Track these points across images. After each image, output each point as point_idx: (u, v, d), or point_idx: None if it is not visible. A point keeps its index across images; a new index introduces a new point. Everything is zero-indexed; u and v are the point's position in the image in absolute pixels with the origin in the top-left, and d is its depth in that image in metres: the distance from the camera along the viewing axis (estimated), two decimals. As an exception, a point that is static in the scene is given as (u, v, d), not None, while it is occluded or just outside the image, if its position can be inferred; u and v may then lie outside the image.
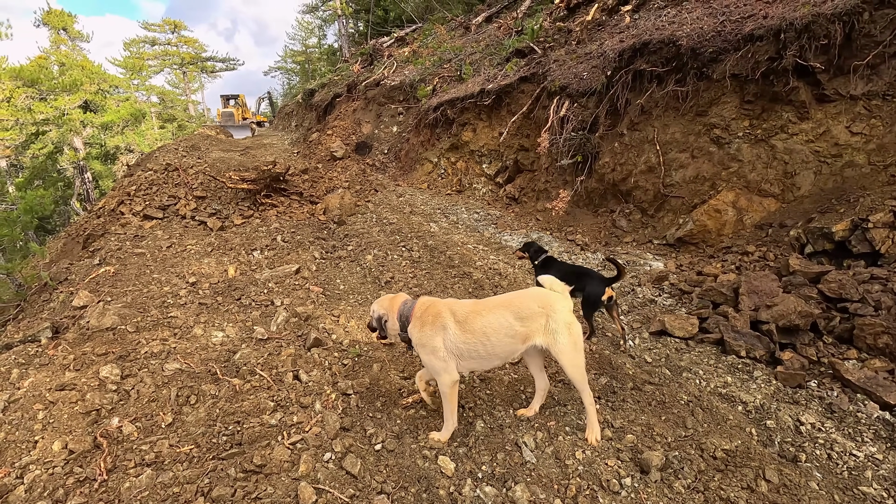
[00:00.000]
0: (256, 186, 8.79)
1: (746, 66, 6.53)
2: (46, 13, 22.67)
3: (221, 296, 5.60)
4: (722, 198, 6.69)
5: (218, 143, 20.61)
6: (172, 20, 35.58)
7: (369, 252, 7.42)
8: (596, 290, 4.69)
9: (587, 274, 4.92)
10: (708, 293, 5.51)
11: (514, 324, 3.20)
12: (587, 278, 4.83)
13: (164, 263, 6.51)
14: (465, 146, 12.13)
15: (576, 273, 4.94)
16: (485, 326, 3.20)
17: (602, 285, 4.69)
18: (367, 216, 9.49)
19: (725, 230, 6.66)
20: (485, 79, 12.47)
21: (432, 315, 3.31)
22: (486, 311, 3.27)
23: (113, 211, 8.39)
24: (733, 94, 6.80)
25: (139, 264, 6.39)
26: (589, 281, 4.79)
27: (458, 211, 10.42)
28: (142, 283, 5.86)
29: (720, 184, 6.84)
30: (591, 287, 4.73)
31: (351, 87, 19.86)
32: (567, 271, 4.97)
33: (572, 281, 4.80)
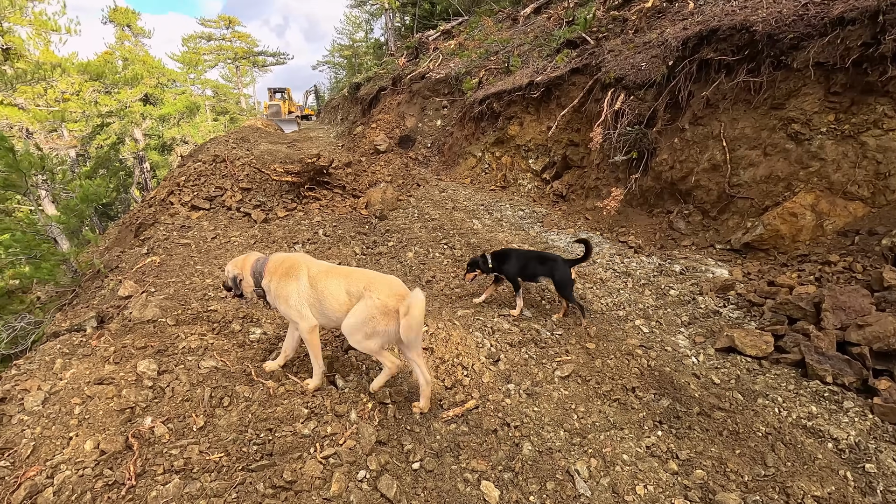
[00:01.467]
0: (300, 179, 8.70)
1: (834, 53, 5.80)
2: (112, 11, 23.68)
3: (261, 290, 5.47)
4: (799, 200, 6.00)
5: (266, 135, 20.96)
6: (227, 16, 36.66)
7: (410, 249, 7.17)
8: (564, 272, 4.99)
9: (551, 259, 5.12)
10: (783, 307, 4.92)
11: (343, 295, 3.43)
12: (552, 263, 5.05)
13: (207, 255, 6.47)
14: (511, 140, 11.69)
15: (539, 259, 5.18)
16: (324, 288, 3.48)
17: (567, 267, 5.03)
18: (409, 211, 9.25)
19: (802, 236, 5.98)
20: (533, 71, 11.95)
21: (287, 267, 3.61)
22: (330, 275, 3.54)
23: (163, 201, 8.51)
24: (816, 84, 6.08)
25: (184, 255, 6.38)
26: (555, 266, 5.02)
27: (502, 208, 10.02)
28: (185, 274, 5.83)
29: (797, 185, 6.14)
30: (560, 271, 4.98)
31: (396, 80, 19.71)
32: (529, 258, 5.22)
33: (536, 267, 5.13)
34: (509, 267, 5.21)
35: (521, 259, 5.23)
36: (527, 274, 5.23)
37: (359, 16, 39.45)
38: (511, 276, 5.24)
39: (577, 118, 10.27)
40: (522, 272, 5.21)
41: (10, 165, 6.24)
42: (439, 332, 4.70)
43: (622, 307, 5.59)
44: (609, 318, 5.34)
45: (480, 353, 4.45)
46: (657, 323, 5.22)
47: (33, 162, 8.03)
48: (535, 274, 5.19)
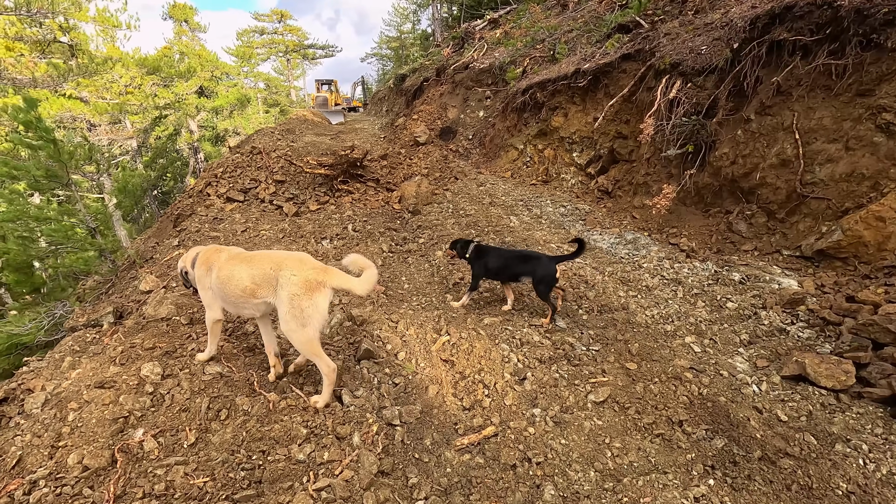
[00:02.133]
0: (333, 172, 8.46)
1: (941, 28, 4.85)
2: (172, 7, 24.49)
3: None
4: (889, 202, 5.10)
5: (313, 126, 21.09)
6: (279, 10, 37.35)
7: (440, 247, 6.75)
8: (548, 270, 4.67)
9: (534, 257, 4.86)
10: (866, 328, 4.15)
11: (245, 279, 3.30)
12: (535, 261, 4.78)
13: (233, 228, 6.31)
14: (555, 132, 10.99)
15: (521, 257, 4.91)
16: (227, 275, 3.38)
17: (552, 264, 4.70)
18: (444, 206, 8.82)
19: (890, 244, 5.09)
20: (580, 58, 11.17)
21: (206, 258, 3.62)
22: (235, 262, 3.44)
23: (201, 192, 8.50)
24: (916, 67, 5.13)
25: (210, 249, 6.25)
26: (538, 263, 4.74)
27: (542, 203, 9.40)
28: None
29: (886, 184, 5.23)
30: (542, 268, 4.68)
31: (440, 70, 19.26)
32: (509, 257, 4.95)
33: (518, 266, 4.82)
34: (483, 263, 4.98)
35: (501, 258, 4.96)
36: (508, 274, 4.95)
37: (406, 7, 39.17)
38: (477, 272, 5.03)
39: (627, 108, 9.47)
40: (502, 272, 4.95)
41: (52, 157, 6.32)
42: (461, 342, 4.27)
43: (670, 320, 4.95)
44: (654, 332, 4.72)
45: (505, 368, 3.98)
46: (711, 341, 4.56)
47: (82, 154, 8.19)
48: (517, 274, 4.89)
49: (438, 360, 4.11)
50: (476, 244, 5.11)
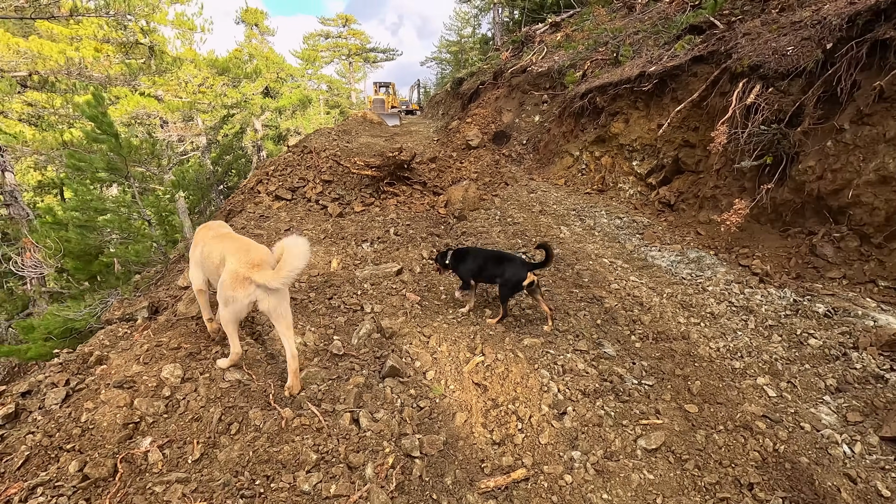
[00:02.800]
0: (380, 173, 8.27)
1: None
2: (244, 11, 25.59)
3: (315, 292, 5.02)
4: None
5: (369, 128, 21.28)
6: (344, 14, 38.29)
7: (484, 256, 6.36)
8: (516, 274, 4.47)
9: (508, 259, 4.70)
10: None
11: (216, 256, 3.55)
12: (508, 263, 4.62)
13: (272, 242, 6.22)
14: (614, 139, 10.30)
15: (496, 258, 4.75)
16: (209, 251, 3.66)
17: (523, 269, 4.48)
18: (491, 213, 8.42)
19: None
20: (646, 61, 10.41)
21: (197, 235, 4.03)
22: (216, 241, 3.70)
23: (252, 189, 8.57)
24: None
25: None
26: (509, 266, 4.58)
27: (596, 214, 8.79)
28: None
29: None
30: (511, 271, 4.51)
31: (497, 74, 18.86)
32: (486, 257, 4.80)
33: (492, 268, 4.66)
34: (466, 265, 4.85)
35: (479, 256, 4.86)
36: (485, 275, 4.79)
37: (467, 11, 39.00)
38: (462, 275, 4.90)
39: (696, 115, 8.67)
40: (480, 274, 4.80)
41: (113, 150, 6.52)
42: (497, 364, 3.86)
43: (739, 355, 4.30)
44: (719, 369, 4.10)
45: (543, 399, 3.54)
46: (789, 384, 3.89)
47: (147, 148, 8.47)
48: (493, 275, 4.70)
49: (470, 382, 3.72)
50: (453, 250, 5.01)
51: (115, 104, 14.62)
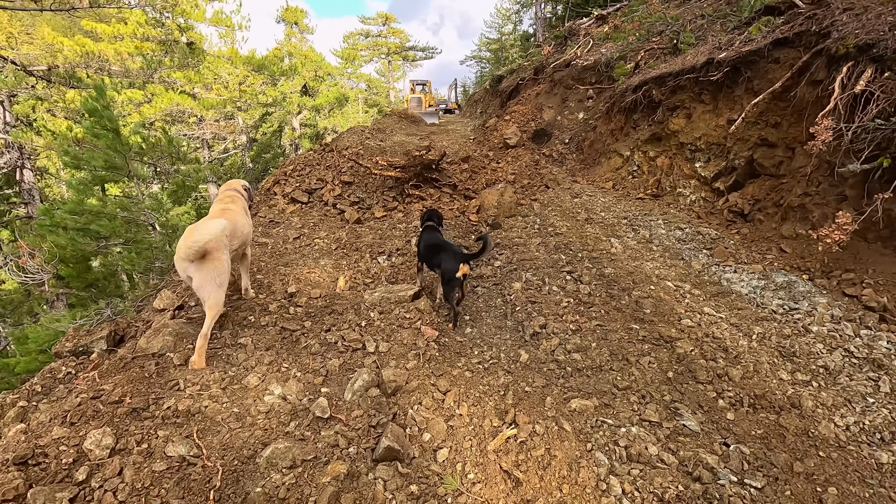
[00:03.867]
0: (405, 175, 7.26)
1: None
2: (284, 10, 25.25)
3: (311, 320, 4.05)
4: None
5: (405, 126, 20.43)
6: (384, 13, 37.66)
7: (519, 275, 5.22)
8: (450, 266, 4.09)
9: (444, 248, 4.31)
10: None
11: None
12: (443, 253, 4.24)
13: (277, 261, 5.32)
14: (673, 137, 8.88)
15: (435, 247, 4.40)
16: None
17: (456, 261, 4.08)
18: (529, 220, 7.25)
19: None
20: (713, 47, 8.92)
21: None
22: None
23: (268, 190, 7.76)
24: None
25: (253, 258, 5.30)
26: (445, 256, 4.19)
27: (651, 223, 7.46)
28: (239, 285, 4.70)
29: None
30: (446, 263, 4.13)
31: (538, 69, 17.58)
32: (430, 243, 4.49)
33: (431, 256, 4.35)
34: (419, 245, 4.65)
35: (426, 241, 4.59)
36: (430, 264, 4.50)
37: (508, 8, 37.55)
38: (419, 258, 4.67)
39: (777, 108, 7.19)
40: (425, 258, 4.56)
41: (111, 147, 5.82)
42: (535, 442, 2.76)
43: (881, 439, 3.00)
44: (857, 462, 2.82)
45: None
46: None
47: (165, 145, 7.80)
48: (433, 265, 4.41)
49: (497, 469, 2.63)
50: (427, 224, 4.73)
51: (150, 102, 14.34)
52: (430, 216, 4.92)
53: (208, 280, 3.35)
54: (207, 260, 3.35)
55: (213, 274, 3.36)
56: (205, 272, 3.34)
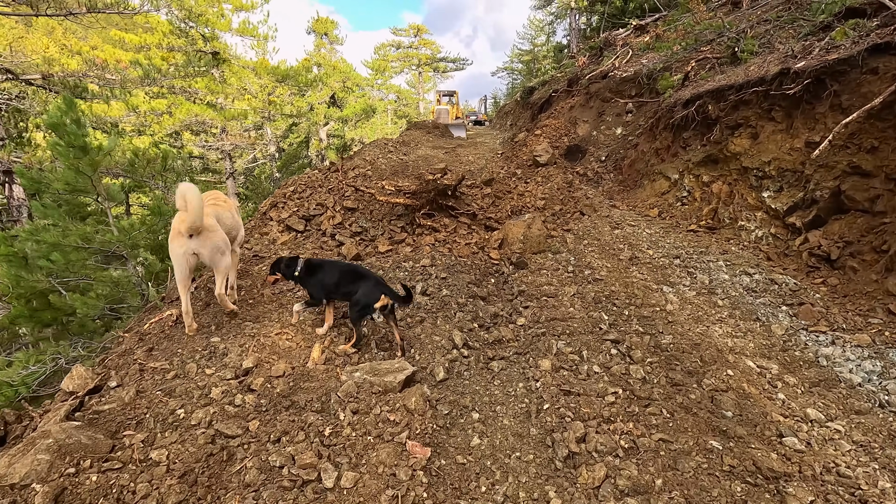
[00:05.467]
0: (416, 202, 6.12)
1: None
2: (315, 21, 24.75)
3: (261, 418, 2.91)
4: None
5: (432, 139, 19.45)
6: (416, 24, 36.96)
7: (548, 344, 3.95)
8: (370, 294, 3.73)
9: (363, 276, 3.93)
10: None
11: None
12: (362, 281, 3.87)
13: (247, 314, 4.23)
14: (733, 160, 7.44)
15: (351, 273, 3.98)
16: None
17: (377, 290, 3.74)
18: (561, 258, 5.98)
19: None
20: (784, 56, 7.46)
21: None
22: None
23: (264, 215, 6.76)
24: None
25: (216, 310, 4.23)
26: (364, 284, 3.83)
27: (710, 265, 6.07)
28: (189, 351, 3.61)
29: None
30: (365, 290, 3.77)
31: (572, 81, 16.27)
32: (343, 270, 4.04)
33: (346, 283, 3.95)
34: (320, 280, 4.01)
35: (335, 269, 4.06)
36: (342, 293, 3.97)
37: (542, 19, 36.23)
38: (315, 292, 4.04)
39: (874, 129, 5.72)
40: (337, 288, 3.97)
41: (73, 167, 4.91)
42: None
43: None
44: None
45: None
46: None
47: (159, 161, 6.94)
48: (348, 292, 3.89)
49: None
50: (307, 259, 4.16)
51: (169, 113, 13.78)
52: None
53: (215, 251, 3.74)
54: (206, 235, 3.66)
55: (215, 245, 3.74)
56: (208, 245, 3.68)
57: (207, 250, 3.71)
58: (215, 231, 3.81)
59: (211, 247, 3.73)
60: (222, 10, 15.88)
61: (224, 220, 4.30)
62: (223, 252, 3.86)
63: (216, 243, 3.78)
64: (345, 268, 4.07)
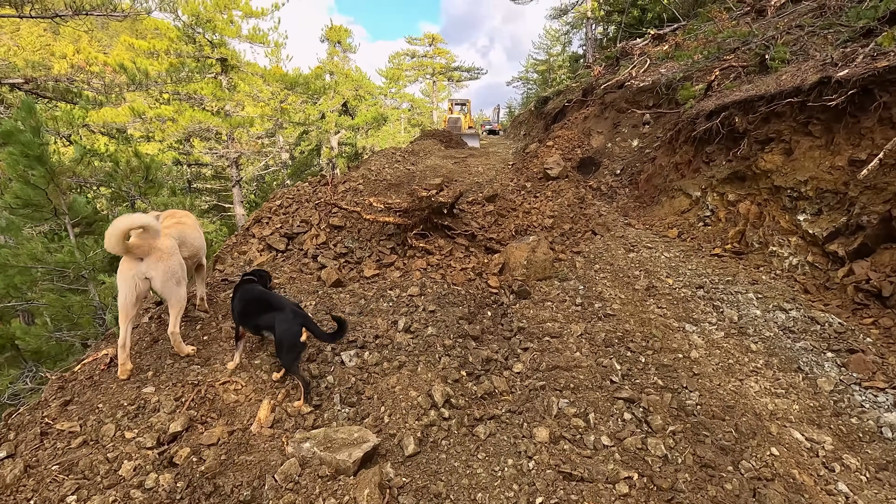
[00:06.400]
0: (408, 220, 5.47)
1: None
2: (329, 29, 24.47)
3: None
4: None
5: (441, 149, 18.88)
6: (431, 33, 36.56)
7: (547, 403, 3.23)
8: (289, 330, 3.10)
9: (276, 307, 3.24)
10: None
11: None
12: (277, 313, 3.19)
13: (195, 354, 3.60)
14: (763, 177, 6.65)
15: (258, 302, 3.34)
16: None
17: (297, 323, 3.13)
18: (569, 287, 5.25)
19: None
20: (822, 64, 6.66)
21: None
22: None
23: (247, 231, 6.18)
24: None
25: (161, 350, 3.62)
26: (278, 316, 3.17)
27: (739, 296, 5.28)
28: (112, 406, 2.99)
29: None
30: (282, 326, 3.12)
31: (587, 90, 15.58)
32: (250, 298, 3.41)
33: (254, 314, 3.33)
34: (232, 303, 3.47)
35: (247, 295, 3.42)
36: (249, 323, 3.36)
37: (558, 29, 35.57)
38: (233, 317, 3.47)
39: (933, 146, 4.90)
40: (244, 319, 3.37)
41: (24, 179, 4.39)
42: None
43: None
44: None
45: None
46: None
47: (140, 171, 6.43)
48: (258, 326, 3.30)
49: None
50: (244, 276, 3.65)
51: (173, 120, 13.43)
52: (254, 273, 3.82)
53: (168, 278, 3.28)
54: (159, 257, 3.23)
55: (169, 273, 3.28)
56: (160, 271, 3.24)
57: (160, 276, 3.25)
58: (171, 255, 3.34)
59: (164, 272, 3.27)
60: (231, 17, 15.57)
61: (189, 241, 3.88)
62: (178, 281, 3.39)
63: (171, 268, 3.32)
64: (255, 295, 3.45)
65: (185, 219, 4.10)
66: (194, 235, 4.00)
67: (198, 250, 4.04)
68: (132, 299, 3.22)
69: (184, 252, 3.71)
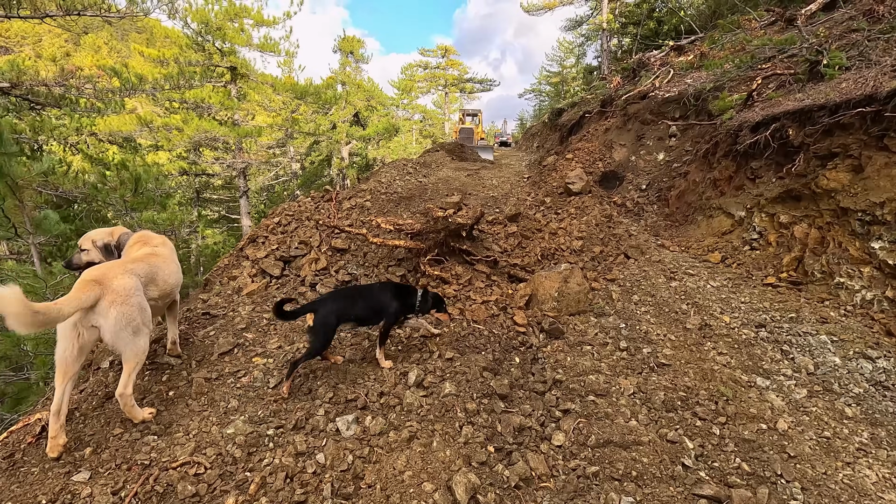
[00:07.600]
0: (421, 244, 4.71)
1: None
2: (342, 40, 24.08)
3: None
4: None
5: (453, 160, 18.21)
6: (444, 45, 36.18)
7: (607, 500, 2.43)
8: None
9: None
10: None
11: None
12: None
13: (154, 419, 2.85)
14: (825, 197, 5.79)
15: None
16: None
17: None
18: (607, 323, 4.43)
19: None
20: (890, 69, 5.83)
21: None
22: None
23: (241, 251, 5.46)
24: None
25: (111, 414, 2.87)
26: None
27: (809, 339, 4.42)
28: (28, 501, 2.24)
29: None
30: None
31: (606, 102, 14.83)
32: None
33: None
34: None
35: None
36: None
37: (572, 41, 34.97)
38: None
39: None
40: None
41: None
42: None
43: None
44: None
45: None
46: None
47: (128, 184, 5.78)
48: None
49: None
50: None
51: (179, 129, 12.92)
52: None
53: (122, 327, 2.59)
54: (112, 303, 2.56)
55: (124, 320, 2.59)
56: (112, 318, 2.55)
57: (110, 324, 2.54)
58: (127, 298, 2.63)
59: (117, 319, 2.56)
60: (242, 25, 15.11)
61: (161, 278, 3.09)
62: (136, 330, 2.66)
63: (128, 315, 2.62)
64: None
65: (161, 248, 3.33)
66: (168, 271, 3.21)
67: (172, 288, 3.24)
68: (73, 353, 2.50)
69: (152, 292, 2.97)
